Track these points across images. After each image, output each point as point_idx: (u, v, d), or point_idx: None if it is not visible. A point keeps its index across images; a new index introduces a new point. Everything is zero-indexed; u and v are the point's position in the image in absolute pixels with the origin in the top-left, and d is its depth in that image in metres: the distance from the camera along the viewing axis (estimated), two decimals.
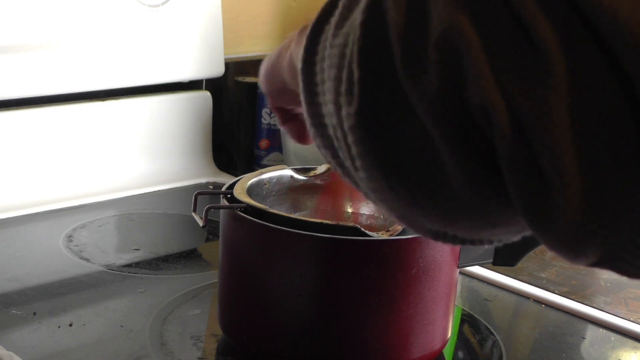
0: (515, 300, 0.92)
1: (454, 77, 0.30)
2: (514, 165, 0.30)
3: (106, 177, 1.17)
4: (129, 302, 0.86)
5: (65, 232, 1.01)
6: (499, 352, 0.80)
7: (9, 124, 1.09)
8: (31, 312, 0.80)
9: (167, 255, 0.98)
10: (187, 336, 0.79)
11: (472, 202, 0.33)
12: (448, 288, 0.71)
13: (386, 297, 0.67)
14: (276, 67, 0.55)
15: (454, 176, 0.32)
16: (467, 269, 0.93)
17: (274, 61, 0.55)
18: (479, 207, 0.33)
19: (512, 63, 0.29)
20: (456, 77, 0.30)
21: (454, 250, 0.71)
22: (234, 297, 0.73)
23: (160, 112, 1.24)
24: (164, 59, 1.22)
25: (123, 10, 1.16)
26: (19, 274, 0.89)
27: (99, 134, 1.17)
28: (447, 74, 0.30)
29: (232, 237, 0.72)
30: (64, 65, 1.12)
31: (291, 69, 0.53)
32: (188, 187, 1.20)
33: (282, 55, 0.54)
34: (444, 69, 0.30)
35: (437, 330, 0.71)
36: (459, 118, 0.31)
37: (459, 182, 0.32)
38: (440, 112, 0.31)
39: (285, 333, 0.69)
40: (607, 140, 0.28)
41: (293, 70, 0.52)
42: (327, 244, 0.67)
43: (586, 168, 0.28)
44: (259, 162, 1.31)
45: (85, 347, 0.76)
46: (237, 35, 1.36)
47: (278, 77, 0.55)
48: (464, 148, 0.31)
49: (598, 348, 0.84)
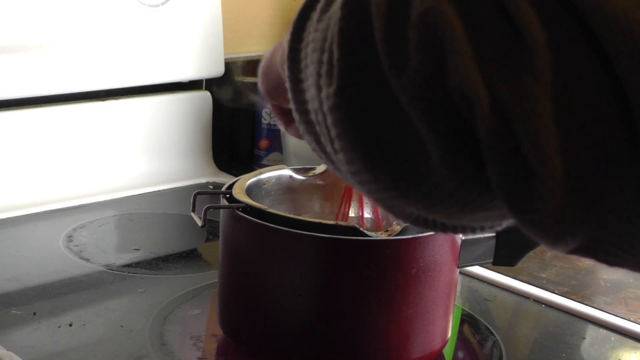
0: (515, 300, 0.92)
1: (435, 60, 0.30)
2: (496, 154, 0.29)
3: (106, 177, 1.17)
4: (129, 302, 0.86)
5: (65, 232, 1.01)
6: (499, 352, 0.80)
7: (9, 124, 1.09)
8: (31, 312, 0.80)
9: (167, 255, 0.98)
10: (187, 336, 0.79)
11: (456, 192, 0.32)
12: (448, 288, 0.71)
13: (386, 297, 0.67)
14: (271, 64, 0.55)
15: (439, 167, 0.32)
16: (467, 269, 0.93)
17: (270, 59, 0.55)
18: (462, 195, 0.33)
19: (496, 51, 0.29)
20: (437, 61, 0.30)
21: (454, 250, 0.71)
22: (234, 297, 0.73)
23: (160, 112, 1.24)
24: (164, 59, 1.22)
25: (123, 10, 1.16)
26: (19, 274, 0.89)
27: (99, 134, 1.17)
28: (427, 56, 0.30)
29: (232, 237, 0.72)
30: (64, 65, 1.12)
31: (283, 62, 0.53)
32: (188, 187, 1.20)
33: (277, 51, 0.54)
34: (424, 50, 0.30)
35: (437, 330, 0.71)
36: (439, 102, 0.30)
37: (443, 173, 0.32)
38: (420, 93, 0.30)
39: (285, 333, 0.69)
40: (591, 131, 0.28)
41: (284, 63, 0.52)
42: (327, 244, 0.67)
43: (570, 158, 0.28)
44: (259, 162, 1.31)
45: (85, 347, 0.76)
46: (237, 35, 1.36)
47: (273, 74, 0.55)
48: (446, 134, 0.31)
49: (598, 348, 0.84)
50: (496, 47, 0.29)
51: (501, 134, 0.29)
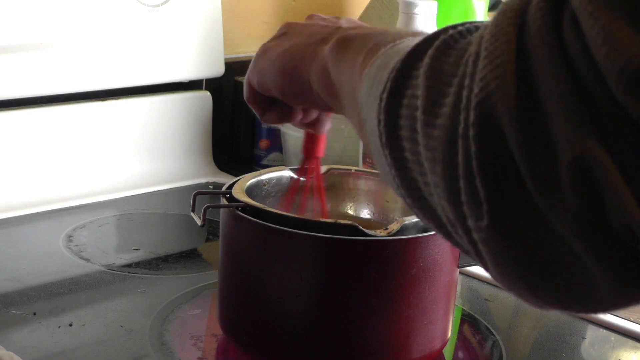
0: (515, 300, 0.92)
1: (592, 199, 0.31)
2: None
3: (106, 177, 1.17)
4: (129, 302, 0.86)
5: (65, 232, 1.01)
6: (499, 352, 0.80)
7: (9, 124, 1.09)
8: (31, 312, 0.80)
9: (167, 255, 0.98)
10: (187, 336, 0.79)
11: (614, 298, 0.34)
12: (448, 288, 0.71)
13: (386, 297, 0.67)
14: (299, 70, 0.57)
15: (601, 283, 0.33)
16: (467, 269, 0.93)
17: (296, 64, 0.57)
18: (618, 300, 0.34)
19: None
20: (595, 199, 0.31)
21: (454, 250, 0.71)
22: (234, 297, 0.73)
23: (160, 112, 1.24)
24: (164, 59, 1.22)
25: (123, 10, 1.16)
26: (19, 274, 0.89)
27: (99, 134, 1.17)
28: (585, 196, 0.31)
29: (231, 237, 0.72)
30: (64, 65, 1.12)
31: (323, 78, 0.55)
32: (188, 187, 1.20)
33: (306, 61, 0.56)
34: (580, 191, 0.31)
35: (437, 330, 0.71)
36: (602, 234, 0.31)
37: (605, 287, 0.33)
38: (583, 230, 0.32)
39: (285, 333, 0.69)
40: None
41: (325, 80, 0.54)
42: (327, 243, 0.67)
43: None
44: (259, 162, 1.31)
45: (85, 347, 0.76)
46: (237, 35, 1.36)
47: (300, 79, 0.57)
48: (611, 258, 0.32)
49: (598, 348, 0.84)
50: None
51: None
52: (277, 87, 0.60)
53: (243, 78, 1.32)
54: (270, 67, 0.60)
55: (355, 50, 0.50)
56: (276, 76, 0.59)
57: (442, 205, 0.38)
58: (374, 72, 0.45)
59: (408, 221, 0.68)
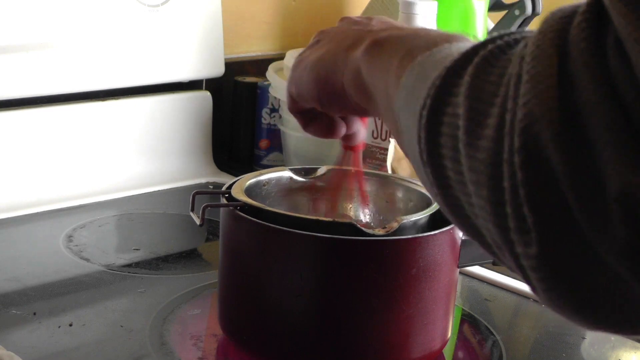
0: (515, 300, 0.92)
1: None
2: None
3: (106, 177, 1.17)
4: (129, 302, 0.86)
5: (65, 232, 1.01)
6: (499, 352, 0.80)
7: (9, 124, 1.09)
8: (31, 312, 0.80)
9: (167, 255, 0.98)
10: (187, 336, 0.79)
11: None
12: (448, 288, 0.71)
13: (386, 297, 0.67)
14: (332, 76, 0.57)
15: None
16: (467, 269, 0.92)
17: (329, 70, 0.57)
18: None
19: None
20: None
21: (454, 250, 0.71)
22: (234, 297, 0.73)
23: (160, 112, 1.24)
24: (164, 59, 1.22)
25: (123, 10, 1.16)
26: (19, 274, 0.89)
27: (99, 134, 1.17)
28: (634, 227, 0.31)
29: (231, 237, 0.72)
30: (64, 65, 1.12)
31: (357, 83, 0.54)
32: (188, 187, 1.20)
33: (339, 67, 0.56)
34: (629, 222, 0.31)
35: (437, 330, 0.71)
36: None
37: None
38: (632, 260, 0.32)
39: (285, 333, 0.69)
40: None
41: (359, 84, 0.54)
42: (327, 243, 0.67)
43: None
44: (259, 162, 1.31)
45: (85, 347, 0.76)
46: (237, 35, 1.36)
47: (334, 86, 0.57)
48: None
49: (598, 348, 0.84)
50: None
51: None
52: (313, 97, 0.60)
53: (243, 78, 1.33)
54: (305, 77, 0.60)
55: (388, 54, 0.50)
56: (311, 85, 0.59)
57: (489, 229, 0.37)
58: (411, 82, 0.44)
59: (407, 220, 0.68)
